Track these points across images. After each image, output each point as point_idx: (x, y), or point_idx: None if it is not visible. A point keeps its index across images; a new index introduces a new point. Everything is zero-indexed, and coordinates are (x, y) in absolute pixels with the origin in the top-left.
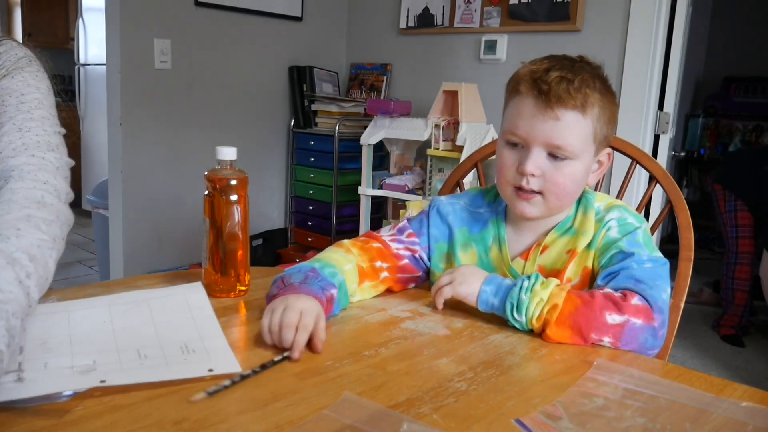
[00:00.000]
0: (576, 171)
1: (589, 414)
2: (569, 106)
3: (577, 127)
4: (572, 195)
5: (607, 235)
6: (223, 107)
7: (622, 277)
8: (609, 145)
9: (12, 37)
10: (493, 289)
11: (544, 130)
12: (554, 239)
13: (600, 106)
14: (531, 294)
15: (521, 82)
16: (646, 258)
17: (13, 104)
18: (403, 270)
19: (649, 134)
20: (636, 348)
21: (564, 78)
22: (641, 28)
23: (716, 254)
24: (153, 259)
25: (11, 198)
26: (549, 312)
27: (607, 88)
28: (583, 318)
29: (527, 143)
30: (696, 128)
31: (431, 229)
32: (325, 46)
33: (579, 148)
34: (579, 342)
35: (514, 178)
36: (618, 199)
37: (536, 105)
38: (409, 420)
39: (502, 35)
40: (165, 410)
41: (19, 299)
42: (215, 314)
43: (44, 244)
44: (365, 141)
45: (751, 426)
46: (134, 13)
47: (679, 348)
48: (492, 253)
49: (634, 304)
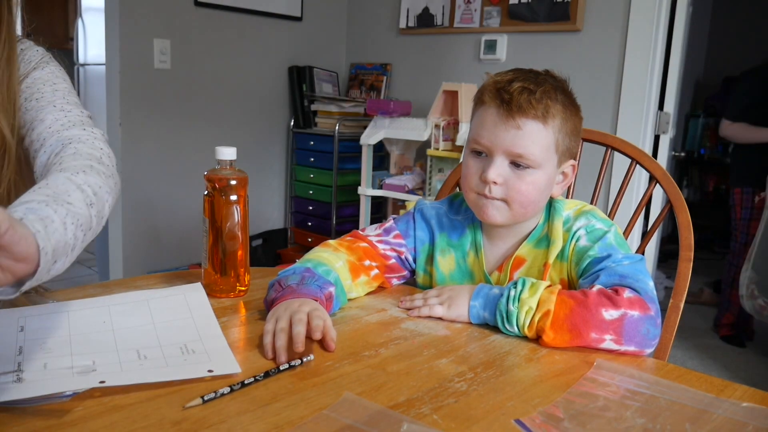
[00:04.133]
0: (538, 180)
1: (589, 414)
2: (530, 115)
3: (538, 137)
4: (536, 203)
5: (578, 245)
6: (223, 107)
7: (605, 276)
8: (573, 158)
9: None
10: (481, 302)
11: (506, 138)
12: (527, 251)
13: (562, 117)
14: (519, 303)
15: (485, 92)
16: (621, 257)
17: (48, 91)
18: (390, 269)
19: (649, 134)
20: (639, 341)
21: (526, 89)
22: (641, 28)
23: (716, 254)
24: (152, 260)
25: (76, 152)
26: (541, 319)
27: (571, 101)
28: (580, 318)
29: (490, 152)
30: (696, 128)
31: (417, 231)
32: (325, 46)
33: (540, 157)
34: (580, 344)
35: (477, 186)
36: (588, 204)
37: (498, 114)
38: (409, 420)
39: (502, 35)
40: (164, 411)
41: (87, 218)
42: (215, 314)
43: (104, 188)
44: (365, 141)
45: (751, 426)
46: (134, 13)
47: (679, 348)
48: (469, 258)
49: (627, 297)
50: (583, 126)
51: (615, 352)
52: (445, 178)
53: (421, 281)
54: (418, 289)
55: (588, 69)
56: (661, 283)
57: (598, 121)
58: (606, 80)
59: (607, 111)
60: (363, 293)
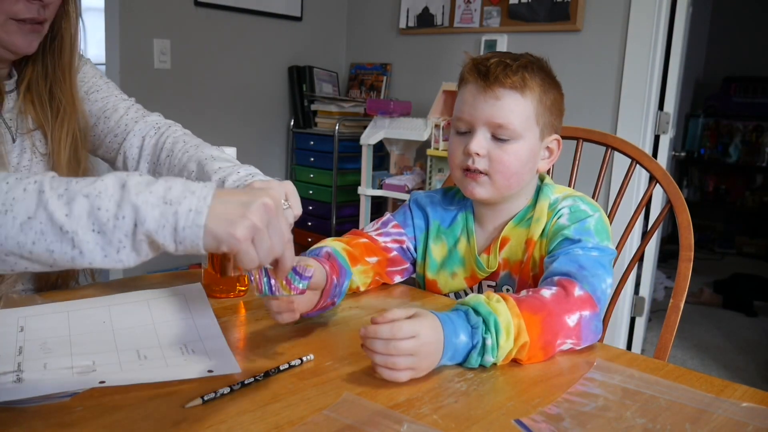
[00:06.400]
0: (520, 150)
1: (589, 414)
2: (507, 85)
3: (517, 107)
4: (519, 176)
5: (558, 222)
6: (223, 107)
7: (565, 261)
8: (556, 132)
9: None
10: (449, 356)
11: (485, 110)
12: (511, 230)
13: (541, 90)
14: (498, 353)
15: (464, 71)
16: (592, 246)
17: (102, 84)
18: (392, 263)
19: (649, 134)
20: (592, 338)
21: (502, 62)
22: (641, 28)
23: (716, 254)
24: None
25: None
26: (518, 352)
27: (550, 76)
28: (551, 334)
29: (472, 126)
30: (696, 128)
31: (415, 219)
32: (325, 46)
33: (520, 127)
34: (549, 358)
35: (461, 161)
36: (578, 192)
37: (477, 88)
38: (409, 420)
39: (502, 35)
40: (164, 411)
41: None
42: (215, 314)
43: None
44: (365, 141)
45: (751, 426)
46: (133, 13)
47: (679, 348)
48: (460, 244)
49: (577, 296)
50: (582, 125)
51: (569, 351)
52: (445, 178)
53: (419, 270)
54: (414, 288)
55: (588, 69)
56: (661, 283)
57: (598, 121)
58: (606, 80)
59: (607, 111)
60: (362, 283)
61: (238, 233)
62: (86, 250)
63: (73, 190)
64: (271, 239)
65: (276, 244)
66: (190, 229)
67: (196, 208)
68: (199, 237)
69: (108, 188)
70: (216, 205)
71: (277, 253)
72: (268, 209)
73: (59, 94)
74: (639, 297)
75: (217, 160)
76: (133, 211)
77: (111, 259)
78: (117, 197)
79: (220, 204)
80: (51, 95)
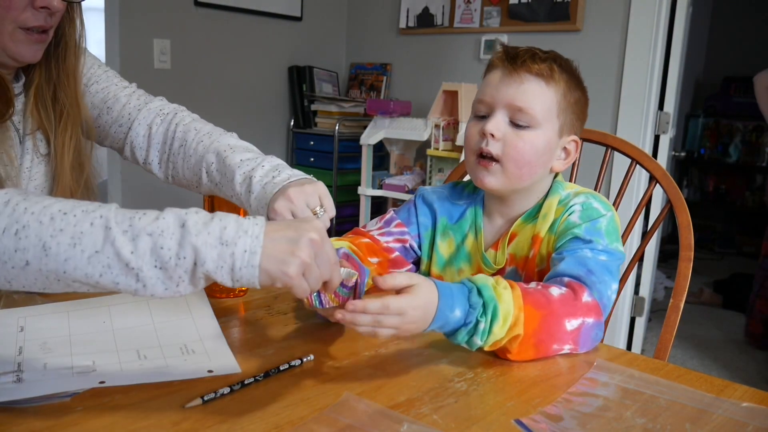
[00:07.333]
0: (536, 139)
1: (589, 414)
2: (533, 71)
3: (540, 94)
4: (531, 166)
5: (568, 219)
6: (223, 107)
7: (573, 262)
8: (576, 134)
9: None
10: (438, 326)
11: (508, 92)
12: (520, 226)
13: (567, 86)
14: (489, 337)
15: (494, 57)
16: (602, 248)
17: (101, 73)
18: (393, 264)
19: (649, 134)
20: (590, 345)
21: (532, 50)
22: (641, 28)
23: (716, 254)
24: None
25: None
26: (509, 342)
27: (578, 79)
28: (546, 333)
29: (491, 107)
30: (696, 128)
31: (420, 217)
32: (325, 46)
33: (540, 115)
34: (542, 356)
35: (476, 144)
36: (592, 190)
37: (503, 71)
38: (409, 420)
39: (502, 35)
40: (164, 411)
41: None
42: (215, 314)
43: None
44: (365, 141)
45: (751, 426)
46: (133, 13)
47: (679, 348)
48: (468, 241)
49: (585, 302)
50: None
51: (566, 355)
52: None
53: (424, 268)
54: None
55: (588, 69)
56: (661, 283)
57: (598, 121)
58: (606, 80)
59: (607, 111)
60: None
61: (291, 271)
62: (149, 285)
63: (137, 227)
64: (320, 269)
65: (324, 272)
66: (246, 269)
67: (250, 249)
68: (255, 276)
69: (169, 227)
70: (267, 244)
71: (326, 278)
72: (315, 244)
73: (63, 98)
74: (639, 297)
75: (236, 150)
76: (193, 252)
77: (170, 291)
78: (178, 237)
79: (270, 243)
80: (55, 99)
